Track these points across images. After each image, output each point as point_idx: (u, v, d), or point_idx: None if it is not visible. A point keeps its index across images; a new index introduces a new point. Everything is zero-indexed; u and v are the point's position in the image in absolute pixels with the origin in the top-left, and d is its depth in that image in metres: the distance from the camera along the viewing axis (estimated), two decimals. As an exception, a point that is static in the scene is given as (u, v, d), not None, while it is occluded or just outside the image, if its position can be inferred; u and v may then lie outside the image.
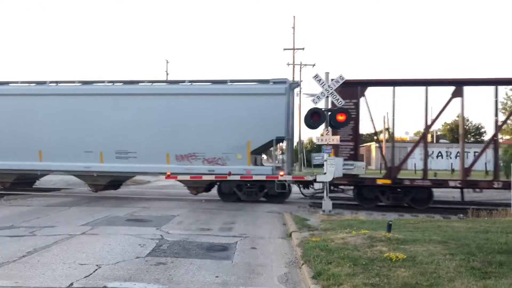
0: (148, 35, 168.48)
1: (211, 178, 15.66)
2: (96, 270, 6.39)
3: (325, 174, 13.38)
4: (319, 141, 13.53)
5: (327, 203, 13.21)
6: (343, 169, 13.97)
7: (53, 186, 21.00)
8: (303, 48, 45.28)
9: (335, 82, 13.39)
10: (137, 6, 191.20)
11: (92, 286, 5.70)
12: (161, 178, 19.14)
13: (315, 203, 15.16)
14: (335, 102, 13.39)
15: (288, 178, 15.48)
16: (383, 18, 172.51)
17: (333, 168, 13.18)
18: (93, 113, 16.47)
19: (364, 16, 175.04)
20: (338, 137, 13.45)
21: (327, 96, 13.37)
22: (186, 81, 16.53)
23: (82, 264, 6.68)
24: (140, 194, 17.43)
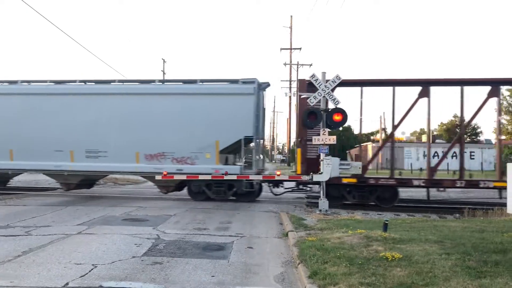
0: (146, 34, 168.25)
1: (207, 178, 15.61)
2: (92, 269, 6.37)
3: (321, 173, 13.39)
4: (316, 141, 13.54)
5: (323, 203, 13.22)
6: (340, 168, 13.98)
7: (49, 186, 20.92)
8: (300, 48, 45.38)
9: (332, 82, 13.39)
10: (136, 6, 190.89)
11: (88, 285, 5.69)
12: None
13: (312, 202, 15.17)
14: (332, 102, 13.41)
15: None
16: (381, 18, 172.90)
17: (329, 167, 13.20)
18: (65, 112, 16.50)
19: (362, 16, 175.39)
20: (334, 137, 13.45)
21: (324, 96, 13.38)
22: (156, 80, 16.70)
23: (77, 264, 6.66)
24: (137, 194, 17.40)
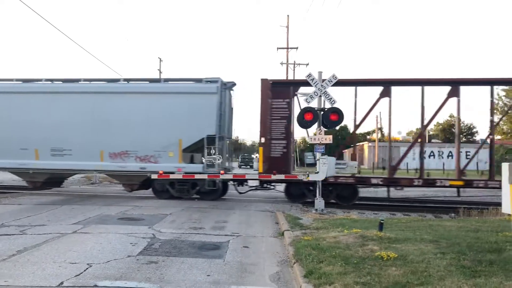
0: (143, 33, 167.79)
1: (204, 177, 15.59)
2: (87, 269, 6.35)
3: (317, 173, 13.40)
4: (312, 140, 13.55)
5: (319, 202, 13.24)
6: (336, 168, 14.00)
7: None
8: (296, 48, 45.16)
9: (328, 81, 13.40)
10: (133, 5, 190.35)
11: (83, 285, 5.67)
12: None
13: (307, 202, 15.19)
14: (328, 101, 13.42)
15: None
16: (378, 17, 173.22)
17: (325, 167, 13.21)
18: (30, 111, 16.54)
19: (359, 15, 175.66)
20: (330, 136, 13.47)
21: (320, 96, 13.38)
22: (121, 79, 16.74)
23: (72, 263, 6.63)
24: (132, 193, 17.36)
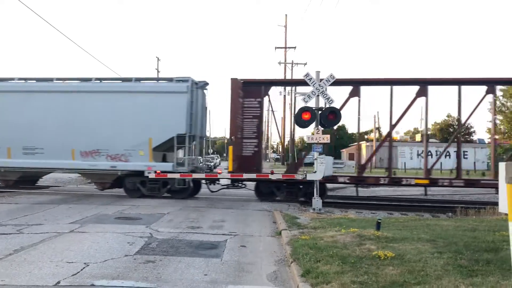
0: (142, 33, 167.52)
1: (202, 176, 15.57)
2: (84, 268, 6.33)
3: (315, 172, 13.40)
4: (310, 139, 13.55)
5: (317, 202, 13.23)
6: (333, 167, 14.01)
7: (42, 184, 20.78)
8: (294, 47, 45.19)
9: (326, 81, 13.39)
10: (132, 5, 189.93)
11: (80, 284, 5.65)
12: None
13: (305, 201, 15.18)
14: (326, 101, 13.41)
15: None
16: (377, 17, 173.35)
17: (323, 166, 13.20)
18: (3, 110, 16.57)
19: (357, 15, 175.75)
20: (328, 136, 13.47)
21: (318, 95, 13.38)
22: (93, 78, 16.77)
23: (69, 262, 6.61)
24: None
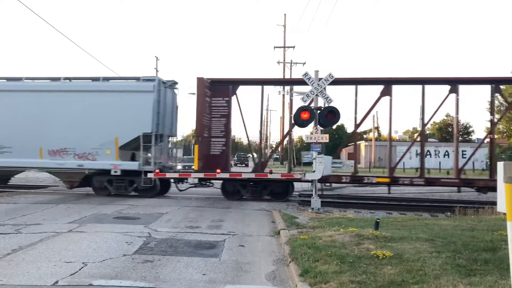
0: (140, 32, 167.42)
1: (201, 175, 15.56)
2: (82, 268, 6.32)
3: (314, 172, 13.40)
4: (308, 139, 13.55)
5: (316, 201, 13.24)
6: (332, 167, 14.02)
7: (40, 184, 20.77)
8: (293, 47, 45.11)
9: (325, 80, 13.40)
10: (131, 4, 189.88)
11: (78, 284, 5.64)
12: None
13: (304, 201, 15.20)
14: (325, 100, 13.42)
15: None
16: (376, 17, 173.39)
17: (322, 166, 13.20)
18: None
19: (357, 14, 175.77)
20: (327, 135, 13.48)
21: (317, 95, 13.38)
22: (62, 78, 16.86)
23: (68, 262, 6.60)
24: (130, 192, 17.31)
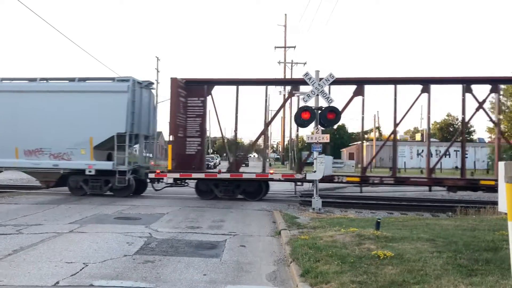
0: (141, 32, 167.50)
1: (200, 176, 15.57)
2: (83, 268, 6.33)
3: (314, 172, 13.39)
4: (309, 139, 13.54)
5: (316, 201, 13.22)
6: (333, 167, 14.01)
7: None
8: (294, 47, 45.20)
9: (325, 80, 13.39)
10: (132, 4, 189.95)
11: (79, 284, 5.65)
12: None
13: (305, 201, 15.19)
14: (325, 100, 13.41)
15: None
16: (377, 16, 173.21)
17: (322, 166, 13.19)
18: None
19: (358, 14, 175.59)
20: (328, 135, 13.47)
21: (317, 95, 13.37)
22: (38, 79, 16.92)
23: (68, 263, 6.61)
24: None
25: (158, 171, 15.63)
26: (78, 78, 16.62)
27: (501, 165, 7.36)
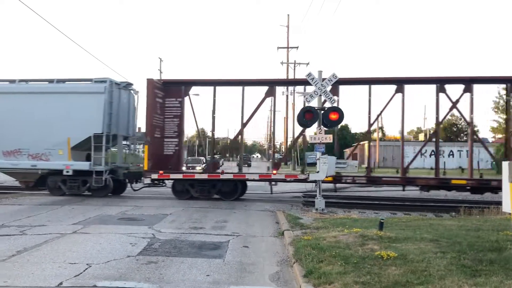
0: (144, 33, 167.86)
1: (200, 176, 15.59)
2: (87, 269, 6.34)
3: (318, 172, 13.37)
4: (312, 139, 13.52)
5: (320, 202, 13.20)
6: (336, 167, 13.99)
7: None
8: (297, 47, 45.23)
9: (328, 80, 13.37)
10: (134, 5, 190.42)
11: (82, 285, 5.66)
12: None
13: (308, 201, 15.17)
14: (328, 101, 13.39)
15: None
16: (379, 16, 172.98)
17: (326, 166, 13.16)
18: None
19: (360, 14, 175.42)
20: (331, 135, 13.45)
21: (320, 95, 13.35)
22: (17, 80, 17.01)
23: (72, 263, 6.62)
24: (133, 193, 17.37)
25: (161, 172, 15.64)
26: (57, 80, 16.81)
27: (505, 165, 7.35)
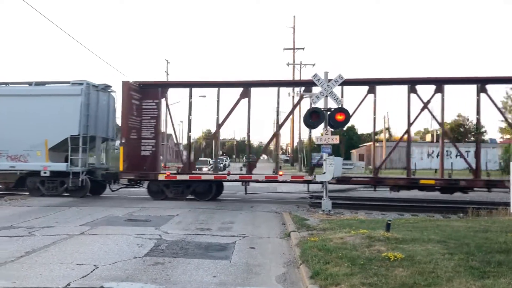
0: (150, 35, 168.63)
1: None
2: (94, 270, 6.38)
3: (324, 173, 13.34)
4: (319, 140, 13.49)
5: (326, 203, 13.17)
6: (343, 168, 13.95)
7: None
8: (303, 48, 45.34)
9: (334, 81, 13.34)
10: (139, 7, 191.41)
11: (89, 286, 5.69)
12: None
13: (315, 202, 15.14)
14: (334, 102, 13.35)
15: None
16: (383, 17, 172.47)
17: (332, 167, 13.13)
18: None
19: (365, 15, 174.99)
20: (337, 136, 13.40)
21: (326, 96, 13.32)
22: None
23: (79, 264, 6.67)
24: (140, 194, 17.45)
25: (168, 172, 15.71)
26: (35, 82, 17.08)
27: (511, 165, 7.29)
